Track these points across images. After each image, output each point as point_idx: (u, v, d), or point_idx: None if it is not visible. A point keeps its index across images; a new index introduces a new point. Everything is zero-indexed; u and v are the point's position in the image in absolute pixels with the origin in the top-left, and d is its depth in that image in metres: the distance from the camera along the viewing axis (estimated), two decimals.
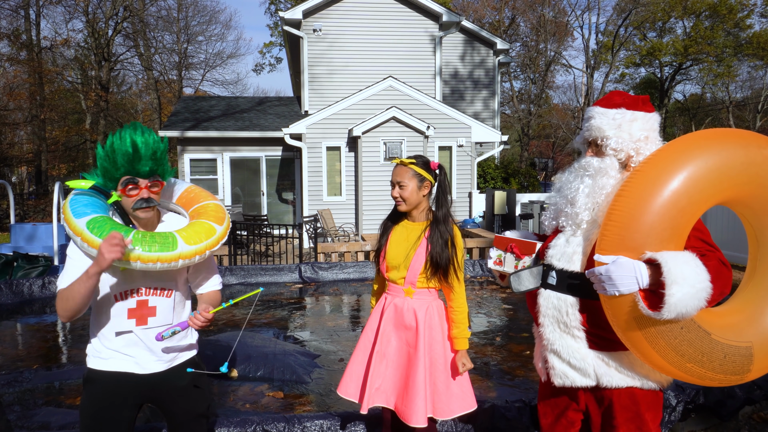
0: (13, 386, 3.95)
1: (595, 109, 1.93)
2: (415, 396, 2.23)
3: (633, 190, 1.65)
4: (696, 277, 1.55)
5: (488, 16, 33.59)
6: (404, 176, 2.32)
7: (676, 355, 1.65)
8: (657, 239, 1.60)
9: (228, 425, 2.74)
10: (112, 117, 29.67)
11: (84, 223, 1.75)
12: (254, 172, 14.15)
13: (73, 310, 1.76)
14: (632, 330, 1.66)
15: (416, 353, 2.30)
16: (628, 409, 1.84)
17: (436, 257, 2.27)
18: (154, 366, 1.95)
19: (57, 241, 8.17)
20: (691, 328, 1.63)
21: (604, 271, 1.62)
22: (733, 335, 1.68)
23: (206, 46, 41.70)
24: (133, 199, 1.84)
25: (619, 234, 1.64)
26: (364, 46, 14.41)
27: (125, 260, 1.72)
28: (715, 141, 1.66)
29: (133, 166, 1.80)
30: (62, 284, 1.81)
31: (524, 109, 33.53)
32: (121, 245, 1.65)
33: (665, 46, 30.61)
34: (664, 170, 1.63)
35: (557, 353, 1.90)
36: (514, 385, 3.97)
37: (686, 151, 1.64)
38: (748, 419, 3.30)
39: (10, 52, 22.75)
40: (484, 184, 16.16)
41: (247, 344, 4.59)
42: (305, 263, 8.14)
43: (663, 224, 1.60)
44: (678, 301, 1.53)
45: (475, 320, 5.86)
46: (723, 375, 1.67)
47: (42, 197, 21.46)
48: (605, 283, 1.62)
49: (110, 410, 1.91)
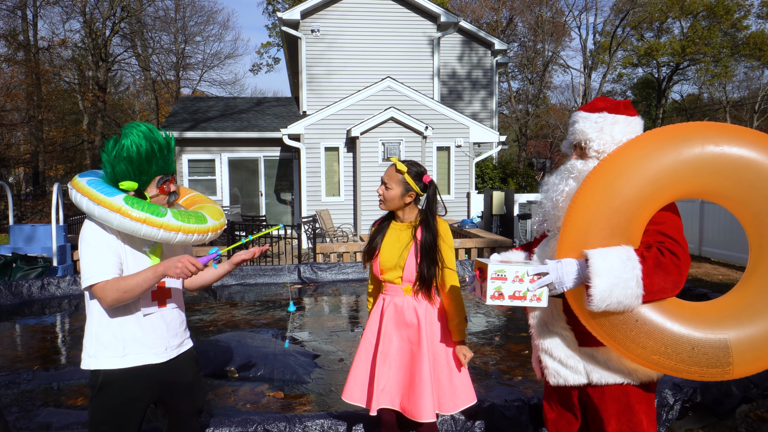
0: (12, 387, 3.96)
1: (579, 113, 2.02)
2: (423, 392, 2.27)
3: (579, 197, 1.79)
4: (623, 268, 1.65)
5: (486, 17, 33.65)
6: (393, 179, 2.36)
7: (637, 347, 1.72)
8: (598, 238, 1.72)
9: (229, 425, 2.75)
10: (110, 117, 29.63)
11: (122, 200, 1.82)
12: (252, 172, 14.15)
13: (129, 300, 1.87)
14: (592, 324, 1.77)
15: (420, 350, 2.33)
16: (618, 402, 1.90)
17: (427, 256, 2.33)
18: (169, 352, 2.02)
19: (56, 242, 8.16)
20: (648, 320, 1.71)
21: (552, 270, 1.77)
22: (704, 328, 1.71)
23: (204, 47, 41.65)
24: (167, 194, 1.98)
25: (571, 238, 1.77)
26: (363, 46, 14.43)
27: (170, 230, 1.86)
28: (651, 141, 1.76)
29: (168, 164, 1.96)
30: (98, 275, 1.83)
31: (522, 110, 33.58)
32: (194, 270, 1.82)
33: (663, 47, 30.68)
34: (603, 175, 1.76)
35: (548, 352, 1.98)
36: (513, 384, 3.99)
37: (622, 156, 1.76)
38: (744, 417, 3.32)
39: (7, 52, 22.69)
40: (483, 185, 16.19)
41: (247, 344, 4.60)
42: (304, 264, 8.15)
43: (602, 225, 1.72)
44: (602, 291, 1.64)
45: (474, 320, 5.88)
46: (698, 367, 1.70)
47: (39, 198, 21.42)
48: (554, 282, 1.77)
49: (129, 416, 1.92)
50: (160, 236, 1.85)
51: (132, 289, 1.82)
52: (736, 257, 9.27)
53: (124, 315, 1.91)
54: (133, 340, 1.92)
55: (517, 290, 1.83)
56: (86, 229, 1.90)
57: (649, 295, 1.68)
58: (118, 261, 1.88)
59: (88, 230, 1.89)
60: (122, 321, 1.91)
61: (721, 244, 9.72)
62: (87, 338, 1.95)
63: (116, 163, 1.87)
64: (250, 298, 7.07)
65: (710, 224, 10.03)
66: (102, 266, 1.84)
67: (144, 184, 1.92)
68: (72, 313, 6.44)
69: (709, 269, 9.03)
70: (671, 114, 35.66)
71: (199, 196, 2.26)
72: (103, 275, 1.83)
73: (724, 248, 9.64)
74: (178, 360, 2.05)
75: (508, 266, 1.83)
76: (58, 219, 8.40)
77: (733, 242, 9.35)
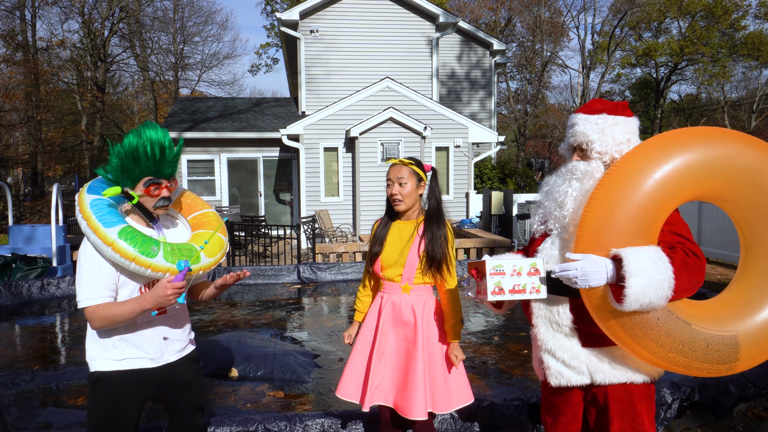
0: (12, 388, 3.96)
1: (578, 116, 2.02)
2: (415, 390, 2.27)
3: (601, 194, 1.78)
4: (656, 269, 1.65)
5: (485, 17, 33.67)
6: (405, 173, 2.38)
7: (656, 345, 1.74)
8: (623, 236, 1.72)
9: (230, 424, 2.76)
10: (108, 118, 29.61)
11: (116, 234, 1.82)
12: (252, 172, 14.16)
13: (114, 326, 1.90)
14: (612, 323, 1.77)
15: (415, 348, 2.34)
16: (621, 401, 1.90)
17: (432, 252, 2.33)
18: (167, 357, 2.03)
19: (55, 243, 8.17)
20: (668, 319, 1.72)
21: (579, 267, 1.73)
22: (716, 325, 1.75)
23: (202, 47, 41.73)
24: (155, 198, 1.96)
25: (591, 234, 1.76)
26: (361, 47, 14.44)
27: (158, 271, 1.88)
28: (674, 142, 1.77)
29: (159, 168, 1.93)
30: (87, 299, 1.86)
31: (521, 110, 33.61)
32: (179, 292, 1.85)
33: (661, 47, 30.72)
34: (628, 173, 1.75)
35: (551, 352, 1.97)
36: (512, 383, 4.01)
37: (648, 155, 1.77)
38: (742, 416, 3.34)
39: (6, 53, 22.66)
40: (481, 185, 16.21)
41: (247, 344, 4.61)
42: (304, 264, 8.16)
43: (628, 223, 1.72)
44: (637, 292, 1.63)
45: (473, 320, 5.90)
46: (709, 364, 1.74)
47: (38, 198, 21.40)
48: (578, 278, 1.73)
49: (122, 409, 1.95)
50: (148, 274, 1.88)
51: (117, 319, 1.87)
52: (734, 257, 9.29)
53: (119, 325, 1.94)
54: (131, 345, 1.96)
55: (517, 284, 1.85)
56: (82, 249, 1.92)
57: (675, 295, 1.70)
58: (111, 282, 1.90)
59: (83, 251, 1.91)
60: (122, 327, 1.94)
61: (720, 243, 9.74)
62: (89, 341, 2.00)
63: (112, 156, 1.92)
64: (250, 298, 7.08)
65: (708, 224, 10.06)
66: (92, 290, 1.87)
67: (132, 182, 1.93)
68: (72, 313, 6.45)
69: (708, 269, 9.06)
70: (669, 114, 35.72)
71: (207, 217, 2.18)
72: (92, 300, 1.87)
73: (722, 248, 9.67)
74: (177, 361, 2.08)
75: (505, 261, 1.87)
76: (58, 219, 8.40)
77: (731, 242, 9.37)
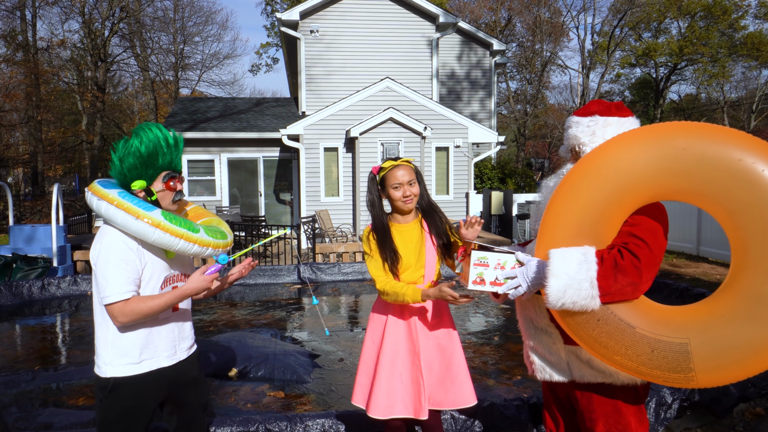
0: (12, 388, 3.97)
1: (573, 118, 2.05)
2: (462, 380, 2.33)
3: (553, 197, 1.83)
4: (578, 270, 1.67)
5: (484, 17, 33.66)
6: (413, 175, 2.40)
7: (600, 346, 1.72)
8: (565, 237, 1.75)
9: (231, 424, 2.77)
10: (108, 118, 29.61)
11: (160, 215, 1.84)
12: (252, 173, 14.16)
13: (143, 320, 1.89)
14: (562, 322, 1.79)
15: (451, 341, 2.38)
16: (606, 403, 1.90)
17: (440, 240, 2.39)
18: (180, 354, 2.06)
19: (56, 243, 8.17)
20: (609, 321, 1.70)
21: (518, 273, 1.84)
22: (665, 330, 1.66)
23: (203, 47, 41.76)
24: (174, 192, 1.98)
25: (544, 236, 1.81)
26: (362, 47, 14.45)
27: (203, 245, 1.93)
28: (624, 143, 1.74)
29: (175, 161, 1.99)
30: (117, 294, 1.81)
31: (520, 110, 33.61)
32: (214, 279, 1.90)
33: (660, 47, 30.72)
34: (578, 174, 1.78)
35: (535, 349, 2.04)
36: (512, 383, 4.02)
37: (596, 156, 1.77)
38: (742, 416, 3.35)
39: (6, 53, 22.67)
40: (481, 185, 16.21)
41: (248, 344, 4.62)
42: (304, 264, 8.17)
43: (571, 223, 1.75)
44: (557, 291, 1.68)
45: (473, 320, 5.90)
46: (659, 371, 1.66)
47: (38, 198, 21.39)
48: (521, 286, 1.83)
49: (139, 415, 1.94)
50: (194, 250, 1.90)
51: (151, 313, 1.86)
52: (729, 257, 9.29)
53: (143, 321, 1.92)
54: (149, 345, 1.95)
55: (498, 277, 1.89)
56: (104, 242, 1.85)
57: (606, 297, 1.67)
58: (137, 277, 1.87)
59: (108, 245, 1.84)
60: (140, 328, 1.92)
61: (720, 243, 9.74)
62: (102, 346, 1.92)
63: (125, 157, 1.89)
64: (250, 299, 7.09)
65: (708, 224, 10.04)
66: (122, 284, 1.82)
67: (150, 178, 1.94)
68: (72, 313, 6.45)
69: (707, 269, 9.06)
70: (669, 114, 35.71)
71: (200, 209, 2.26)
72: (123, 294, 1.82)
73: (722, 248, 9.67)
74: (186, 359, 2.11)
75: (491, 254, 1.89)
76: (58, 219, 8.41)
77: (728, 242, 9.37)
